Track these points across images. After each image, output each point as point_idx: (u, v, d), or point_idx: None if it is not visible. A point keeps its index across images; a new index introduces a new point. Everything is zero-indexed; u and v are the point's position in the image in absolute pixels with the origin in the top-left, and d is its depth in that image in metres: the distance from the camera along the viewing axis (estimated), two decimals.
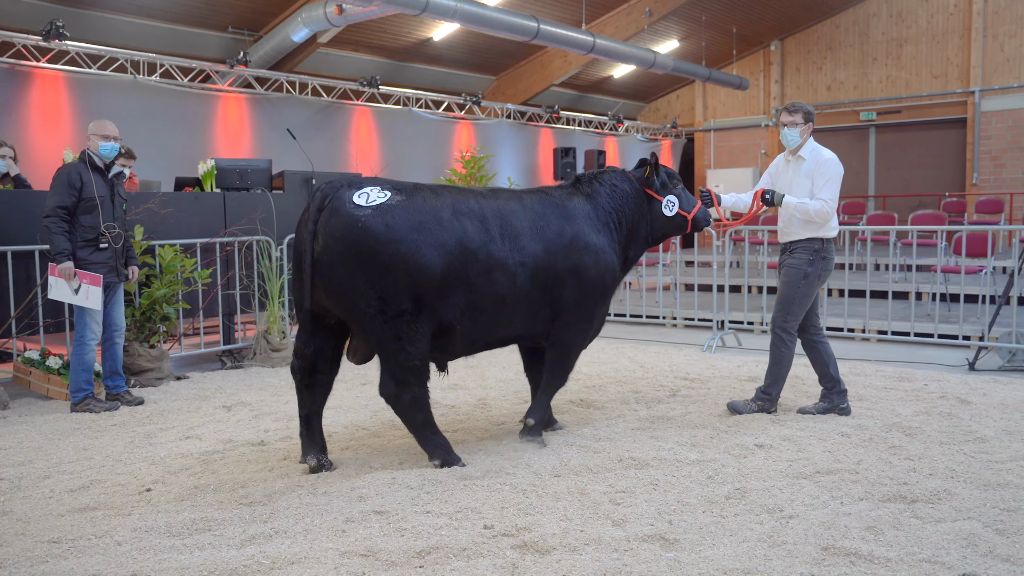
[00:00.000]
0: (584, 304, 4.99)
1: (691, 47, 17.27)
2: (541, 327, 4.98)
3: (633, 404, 6.08)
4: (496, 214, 4.69)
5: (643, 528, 3.68)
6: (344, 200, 4.28)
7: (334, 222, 4.25)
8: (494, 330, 4.77)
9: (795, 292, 5.59)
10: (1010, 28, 15.66)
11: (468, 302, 4.51)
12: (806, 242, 5.60)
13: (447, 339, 4.59)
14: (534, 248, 4.74)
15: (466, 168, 9.93)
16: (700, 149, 19.40)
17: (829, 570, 3.25)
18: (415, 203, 4.39)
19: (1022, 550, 3.40)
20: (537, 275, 4.74)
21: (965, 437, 5.09)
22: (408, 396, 4.45)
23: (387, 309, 4.26)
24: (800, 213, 5.51)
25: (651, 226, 5.40)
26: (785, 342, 5.65)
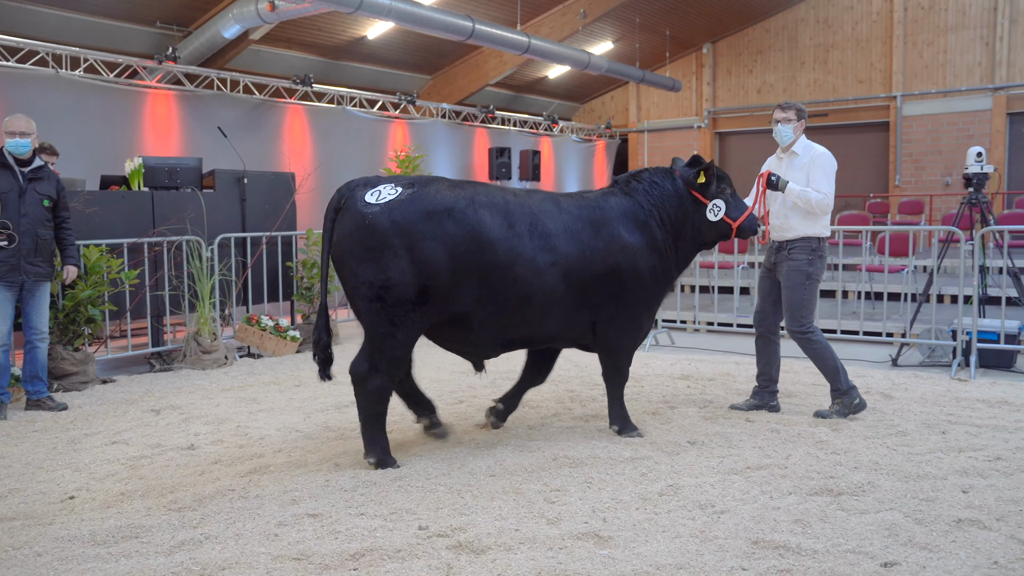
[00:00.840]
0: (625, 305, 4.99)
1: (625, 49, 17.45)
2: (579, 329, 5.01)
3: (568, 403, 6.12)
4: (527, 212, 4.75)
5: (577, 526, 3.70)
6: (356, 199, 4.53)
7: (345, 219, 4.52)
8: (520, 327, 4.82)
9: (801, 295, 5.55)
10: (928, 36, 16.20)
11: (483, 293, 4.57)
12: (803, 241, 5.56)
13: (465, 329, 4.70)
14: (568, 250, 4.77)
15: (401, 168, 9.86)
16: (634, 150, 19.62)
17: (759, 563, 3.32)
18: (425, 195, 4.53)
19: (939, 538, 3.52)
20: (571, 277, 4.77)
21: (888, 431, 5.24)
22: (375, 383, 4.52)
23: (388, 297, 4.41)
24: (802, 202, 5.47)
25: (697, 228, 5.25)
26: (812, 340, 5.58)
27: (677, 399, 6.19)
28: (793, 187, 5.50)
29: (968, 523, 3.68)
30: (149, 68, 10.87)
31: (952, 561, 3.31)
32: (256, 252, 8.79)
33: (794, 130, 5.68)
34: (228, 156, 9.45)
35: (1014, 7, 15.39)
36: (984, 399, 6.10)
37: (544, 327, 4.88)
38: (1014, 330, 7.40)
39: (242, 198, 8.79)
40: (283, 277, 9.08)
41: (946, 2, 16.02)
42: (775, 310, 5.76)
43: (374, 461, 4.54)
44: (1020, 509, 3.82)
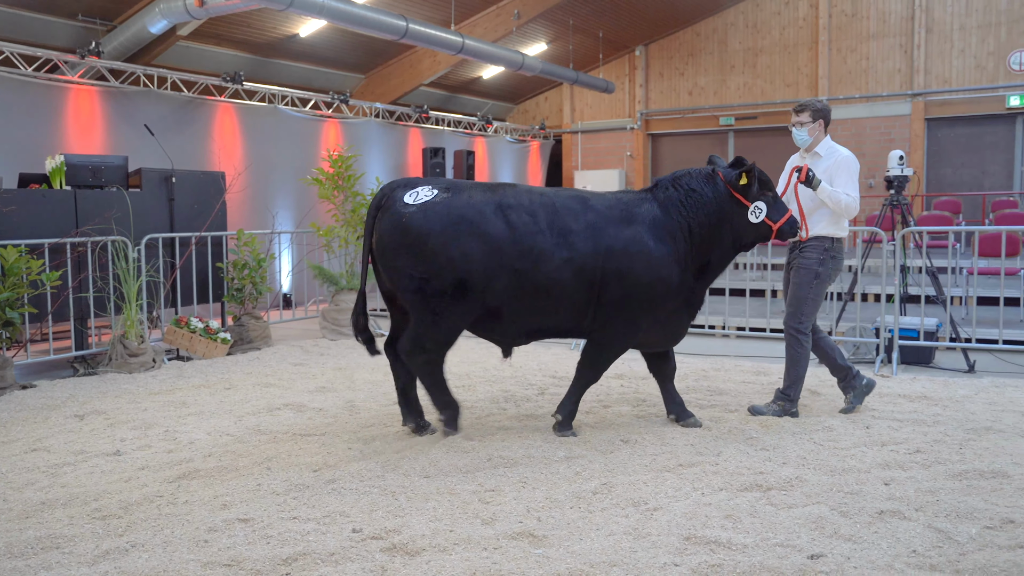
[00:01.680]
0: (626, 307, 5.04)
1: (559, 50, 17.56)
2: (586, 323, 5.14)
3: (502, 403, 6.13)
4: (549, 209, 4.99)
5: (512, 526, 3.71)
6: (396, 199, 4.92)
7: (385, 218, 4.91)
8: (541, 317, 5.06)
9: (807, 292, 5.55)
10: (851, 43, 16.66)
11: (513, 286, 4.87)
12: (817, 241, 5.55)
13: (496, 321, 5.01)
14: (583, 246, 4.94)
15: (333, 167, 9.76)
16: (568, 151, 19.74)
17: (691, 558, 3.37)
18: (459, 199, 4.89)
19: (863, 529, 3.63)
20: (583, 273, 4.94)
21: (815, 426, 5.38)
22: (422, 358, 4.96)
23: (427, 289, 4.80)
24: (833, 203, 5.43)
25: (737, 231, 5.25)
26: (800, 342, 5.60)
27: (611, 398, 6.25)
28: (826, 187, 5.46)
29: (889, 514, 3.79)
30: (71, 63, 10.54)
31: (874, 551, 3.41)
32: (185, 253, 8.60)
33: (810, 132, 5.62)
34: (155, 154, 9.23)
35: (930, 17, 15.93)
36: (905, 394, 6.30)
37: (559, 319, 5.09)
38: (933, 327, 7.66)
39: (170, 197, 8.59)
40: (213, 278, 8.90)
41: (868, 10, 16.50)
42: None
43: (444, 419, 5.12)
44: (937, 499, 3.95)
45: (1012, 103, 15.34)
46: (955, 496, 4.01)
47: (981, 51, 15.64)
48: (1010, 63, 15.40)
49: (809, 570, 3.25)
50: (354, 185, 9.91)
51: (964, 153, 15.96)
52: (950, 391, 6.40)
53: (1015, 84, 15.34)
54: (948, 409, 5.82)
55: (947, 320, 7.80)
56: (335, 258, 10.03)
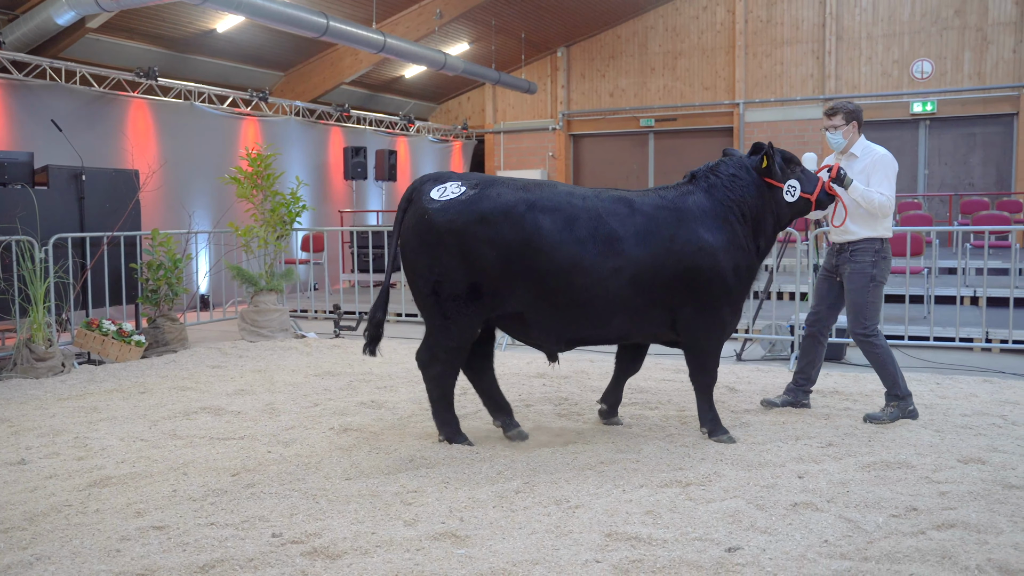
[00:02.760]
0: (705, 304, 4.93)
1: (481, 50, 17.57)
2: (654, 328, 5.01)
3: (424, 403, 6.07)
4: (592, 215, 4.73)
5: (434, 527, 3.70)
6: (423, 194, 4.76)
7: (411, 213, 4.78)
8: (583, 328, 4.88)
9: (865, 298, 5.46)
10: (766, 48, 17.12)
11: (538, 296, 4.70)
12: (866, 242, 5.45)
13: (523, 327, 4.88)
14: (637, 253, 4.73)
15: (252, 166, 9.56)
16: (490, 151, 19.78)
17: (612, 555, 3.41)
18: (485, 196, 4.68)
19: (778, 522, 3.72)
20: (640, 280, 4.74)
21: (732, 423, 5.49)
22: (436, 370, 4.87)
23: (440, 291, 4.69)
24: (864, 202, 5.35)
25: (777, 214, 5.22)
26: (875, 345, 5.49)
27: (533, 397, 6.28)
28: (858, 185, 5.38)
29: (803, 506, 3.90)
30: None
31: (789, 542, 3.50)
32: (96, 253, 8.32)
33: (844, 134, 5.54)
34: (64, 151, 8.90)
35: (840, 25, 16.47)
36: (818, 389, 6.47)
37: (612, 328, 4.91)
38: (844, 324, 7.91)
39: (80, 196, 8.31)
40: (127, 279, 8.64)
41: (782, 16, 16.96)
42: (830, 313, 5.77)
43: (444, 438, 4.92)
44: (847, 491, 4.09)
45: (915, 109, 15.97)
46: (864, 487, 4.15)
47: (887, 59, 16.24)
48: (913, 71, 16.03)
49: (727, 562, 3.32)
50: (273, 184, 9.74)
51: None
52: (860, 386, 6.61)
53: (918, 91, 15.98)
54: (858, 403, 6.01)
55: None
56: (254, 259, 9.84)
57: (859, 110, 5.57)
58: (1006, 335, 8.15)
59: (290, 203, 9.75)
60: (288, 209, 9.75)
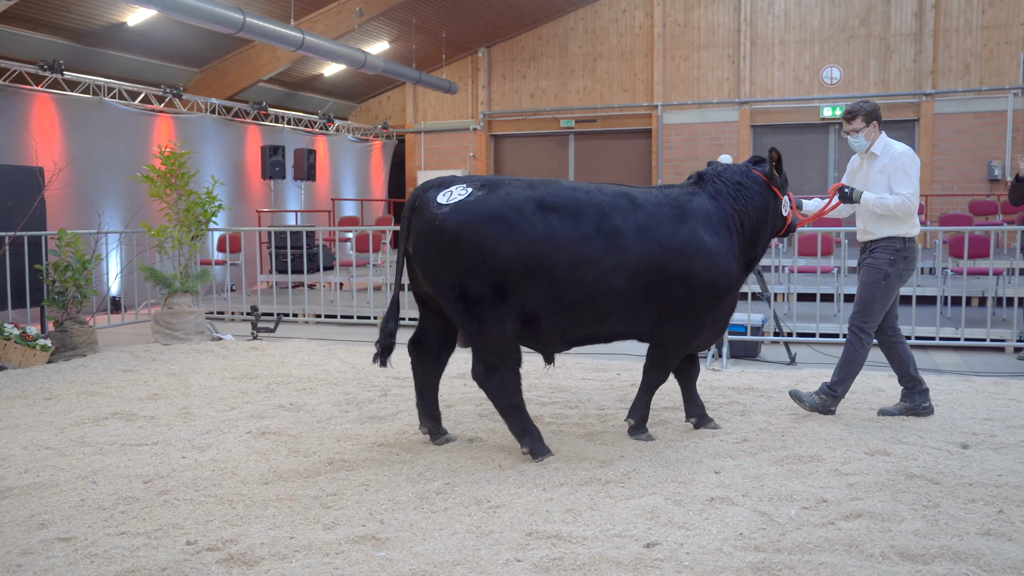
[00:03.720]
0: (693, 308, 4.89)
1: (402, 49, 17.46)
2: (644, 327, 4.96)
3: (344, 406, 6.04)
4: (596, 211, 4.69)
5: (355, 530, 3.66)
6: (428, 200, 4.63)
7: (419, 220, 4.65)
8: (585, 326, 4.82)
9: (874, 293, 5.41)
10: (684, 52, 17.45)
11: (551, 293, 4.60)
12: (887, 241, 5.41)
13: (535, 328, 4.72)
14: (637, 249, 4.69)
15: (166, 164, 9.31)
16: (411, 150, 19.67)
17: (533, 553, 3.42)
18: (494, 197, 4.59)
19: (694, 516, 3.80)
20: (639, 277, 4.70)
21: (652, 420, 5.57)
22: (496, 381, 4.64)
23: (466, 295, 4.54)
24: (881, 209, 5.31)
25: (773, 224, 5.23)
26: (861, 341, 5.46)
27: (454, 397, 6.27)
28: (867, 197, 5.35)
29: (719, 501, 3.99)
30: None
31: (705, 537, 3.57)
32: None
33: (866, 136, 5.48)
34: None
35: (754, 31, 16.90)
36: (734, 386, 6.64)
37: (610, 325, 4.88)
38: (759, 323, 8.13)
39: None
40: (31, 281, 8.32)
41: (699, 21, 17.31)
42: (887, 315, 5.60)
43: (527, 451, 4.66)
44: (762, 484, 4.19)
45: (825, 114, 16.48)
46: (777, 481, 4.26)
47: (799, 65, 16.72)
48: (823, 77, 16.54)
49: (645, 558, 3.37)
50: (188, 183, 9.51)
51: (785, 159, 16.73)
52: (774, 382, 6.79)
53: (827, 97, 16.50)
54: (772, 400, 6.17)
55: (771, 316, 8.29)
56: (168, 259, 9.58)
57: (876, 110, 5.48)
58: (909, 331, 8.48)
59: (206, 203, 9.53)
60: (204, 209, 9.53)
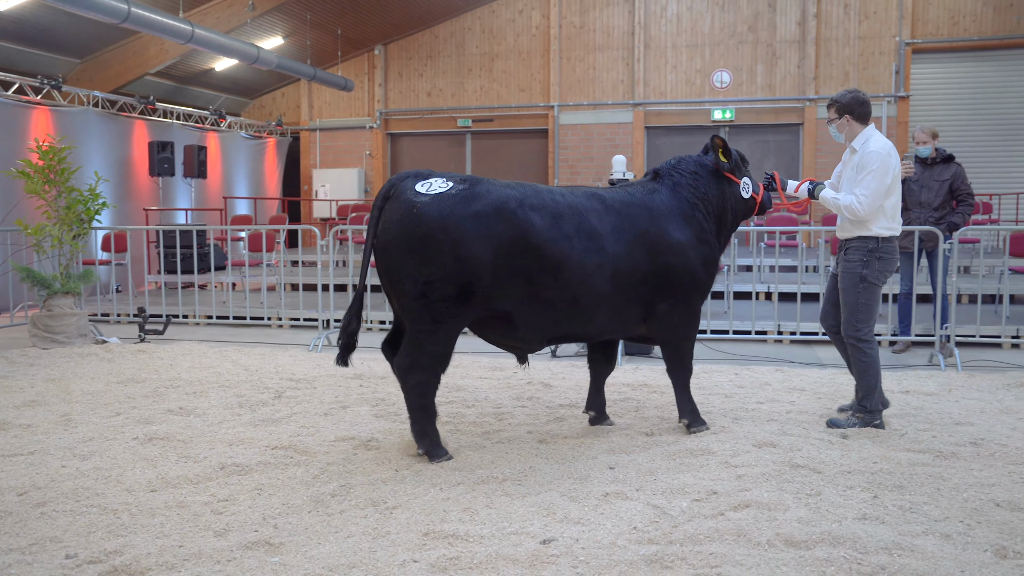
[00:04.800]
0: (679, 300, 5.00)
1: (297, 45, 17.13)
2: (630, 324, 5.02)
3: (237, 409, 5.88)
4: (574, 212, 4.69)
5: (247, 535, 3.58)
6: (406, 188, 4.50)
7: (394, 208, 4.48)
8: (567, 325, 4.79)
9: (856, 298, 5.24)
10: (580, 53, 17.69)
11: (528, 294, 4.57)
12: (859, 241, 5.24)
13: (507, 327, 4.69)
14: (615, 250, 4.74)
15: (43, 159, 8.87)
16: (306, 148, 19.32)
17: (430, 553, 3.41)
18: (476, 193, 4.50)
19: (590, 512, 3.86)
20: (619, 278, 4.76)
21: (548, 417, 5.64)
22: (418, 378, 4.54)
23: (431, 293, 4.40)
24: (833, 208, 5.23)
25: (735, 209, 5.31)
26: (863, 351, 5.26)
27: (350, 398, 6.20)
28: (825, 195, 5.27)
29: (614, 496, 4.06)
30: None
31: (600, 531, 3.63)
32: None
33: (839, 128, 5.31)
34: None
35: (648, 34, 17.27)
36: (628, 383, 6.77)
37: (592, 324, 4.88)
38: None
39: None
40: None
41: (594, 23, 17.58)
42: (835, 311, 5.52)
43: (423, 452, 4.61)
44: (655, 478, 4.29)
45: (715, 116, 16.98)
46: (670, 474, 4.36)
47: (690, 68, 17.18)
48: (713, 81, 17.04)
49: (541, 554, 3.40)
50: (69, 180, 9.09)
51: None
52: (667, 379, 6.93)
53: (717, 100, 17.00)
54: (665, 396, 6.31)
55: None
56: (47, 259, 9.14)
57: (853, 102, 5.24)
58: (795, 327, 8.82)
59: (88, 200, 9.13)
60: (86, 206, 9.13)
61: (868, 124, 5.26)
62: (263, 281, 10.78)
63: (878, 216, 5.15)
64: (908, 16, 16.09)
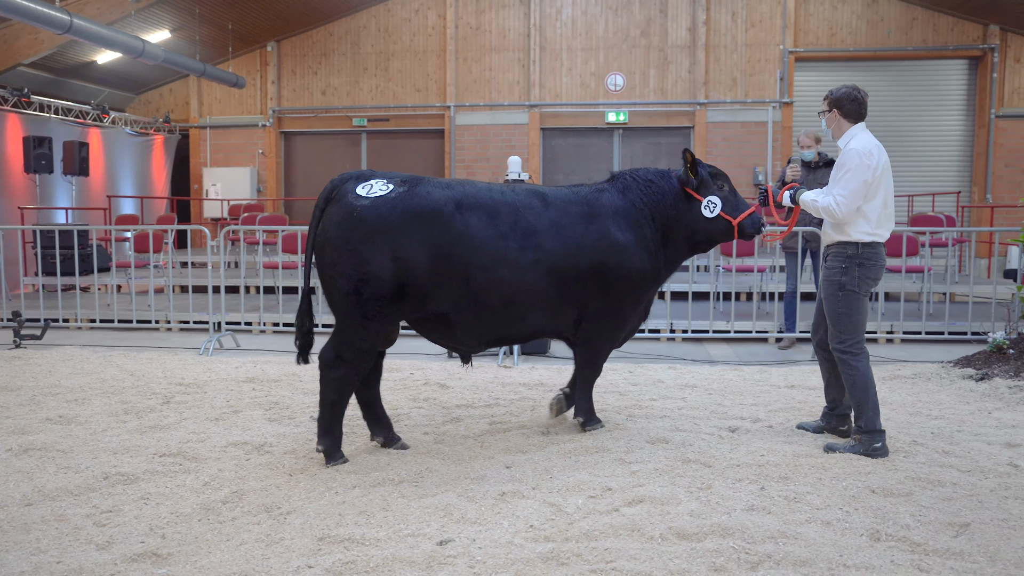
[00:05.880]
0: (610, 303, 4.94)
1: (185, 40, 16.58)
2: (564, 324, 4.98)
3: (122, 416, 5.65)
4: (511, 210, 4.70)
5: (133, 547, 3.45)
6: (347, 191, 4.55)
7: (334, 210, 4.53)
8: (504, 326, 4.80)
9: (838, 307, 4.90)
10: (476, 54, 17.71)
11: (465, 295, 4.58)
12: (838, 247, 4.94)
13: (446, 329, 4.72)
14: (552, 246, 4.72)
15: None
16: (196, 146, 18.71)
17: (325, 559, 3.36)
18: (415, 195, 4.55)
19: (487, 512, 3.87)
20: (555, 273, 4.74)
21: (445, 418, 5.62)
22: (340, 372, 4.54)
23: (363, 290, 4.43)
24: (813, 211, 4.98)
25: (691, 227, 5.13)
26: (848, 363, 4.88)
27: (242, 403, 6.04)
28: (804, 197, 5.02)
29: (510, 495, 4.08)
30: None
31: (497, 531, 3.65)
32: None
33: (828, 122, 5.04)
34: None
35: (543, 36, 17.44)
36: (525, 382, 6.81)
37: (529, 324, 4.88)
38: None
39: None
40: None
41: (490, 24, 17.63)
42: (824, 324, 5.13)
43: (323, 449, 4.57)
44: (551, 477, 4.33)
45: (610, 119, 17.27)
46: (566, 472, 4.41)
47: (585, 71, 17.42)
48: (607, 83, 17.34)
49: (438, 555, 3.39)
50: None
51: (574, 161, 17.69)
52: (563, 377, 7.02)
53: (612, 103, 17.30)
54: None
55: None
56: None
57: (844, 97, 4.94)
58: (687, 325, 9.06)
59: None
60: None
61: (857, 123, 4.97)
62: (150, 283, 10.39)
63: (856, 219, 4.84)
64: (791, 26, 16.73)
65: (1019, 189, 14.54)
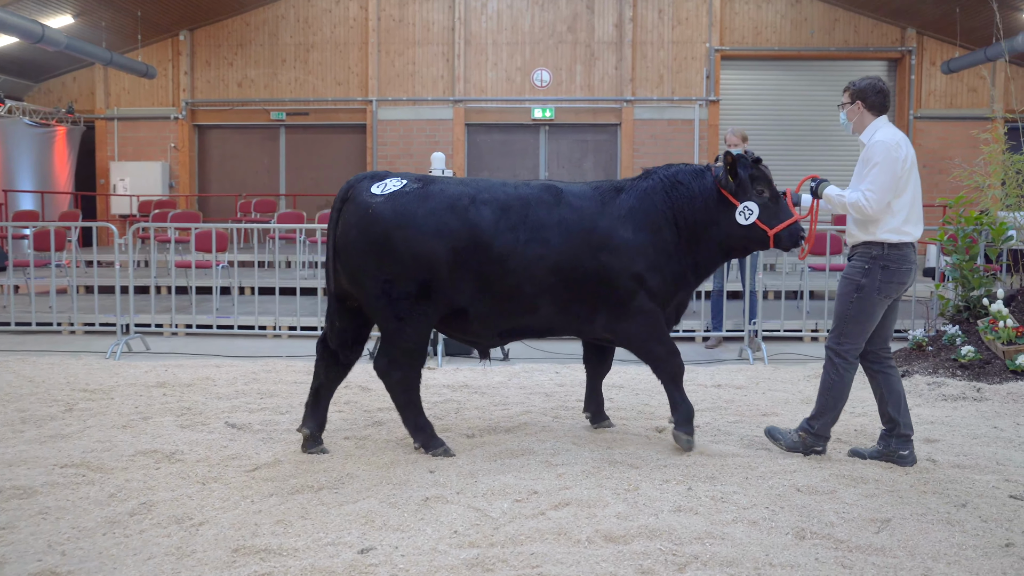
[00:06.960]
0: (618, 305, 4.79)
1: (90, 25, 15.88)
2: (577, 323, 4.89)
3: (19, 425, 5.31)
4: (522, 204, 4.72)
5: (28, 567, 3.24)
6: (362, 190, 4.64)
7: (351, 209, 4.63)
8: (516, 317, 4.80)
9: (848, 308, 4.62)
10: (399, 47, 17.47)
11: (479, 287, 4.63)
12: (863, 247, 4.65)
13: (463, 322, 4.75)
14: (558, 242, 4.68)
15: None
16: (102, 139, 17.97)
17: (240, 571, 3.24)
18: (429, 191, 4.63)
19: (410, 518, 3.76)
20: (560, 270, 4.69)
21: (366, 421, 5.48)
22: (398, 375, 4.66)
23: (392, 291, 4.54)
24: (839, 207, 4.69)
25: (724, 232, 4.85)
26: (836, 367, 4.65)
27: (152, 409, 5.76)
28: (830, 192, 4.73)
29: (434, 500, 3.97)
30: None
31: (420, 537, 3.54)
32: None
33: (849, 115, 4.76)
34: None
35: (468, 30, 17.30)
36: (449, 384, 6.70)
37: (541, 316, 4.82)
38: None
39: None
40: None
41: (414, 17, 17.41)
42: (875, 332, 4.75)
43: (420, 445, 4.72)
44: (476, 481, 4.23)
45: (536, 115, 17.25)
46: (491, 476, 4.32)
47: (511, 66, 17.35)
48: (533, 79, 17.30)
49: (359, 564, 3.28)
50: None
51: (499, 157, 17.61)
52: (488, 378, 6.94)
53: (537, 99, 17.27)
54: (486, 396, 6.29)
55: None
56: None
57: (869, 88, 4.70)
58: None
59: None
60: None
61: (881, 115, 4.72)
62: (52, 283, 9.85)
63: (884, 216, 4.57)
64: (717, 24, 16.96)
65: (936, 189, 14.99)
